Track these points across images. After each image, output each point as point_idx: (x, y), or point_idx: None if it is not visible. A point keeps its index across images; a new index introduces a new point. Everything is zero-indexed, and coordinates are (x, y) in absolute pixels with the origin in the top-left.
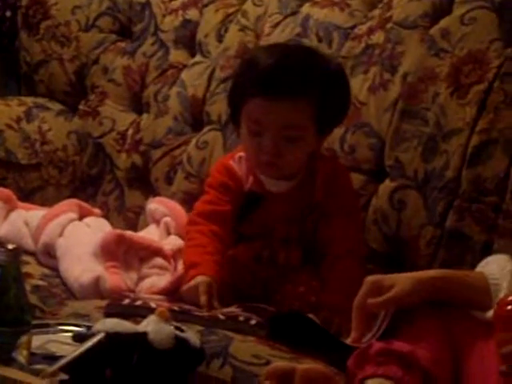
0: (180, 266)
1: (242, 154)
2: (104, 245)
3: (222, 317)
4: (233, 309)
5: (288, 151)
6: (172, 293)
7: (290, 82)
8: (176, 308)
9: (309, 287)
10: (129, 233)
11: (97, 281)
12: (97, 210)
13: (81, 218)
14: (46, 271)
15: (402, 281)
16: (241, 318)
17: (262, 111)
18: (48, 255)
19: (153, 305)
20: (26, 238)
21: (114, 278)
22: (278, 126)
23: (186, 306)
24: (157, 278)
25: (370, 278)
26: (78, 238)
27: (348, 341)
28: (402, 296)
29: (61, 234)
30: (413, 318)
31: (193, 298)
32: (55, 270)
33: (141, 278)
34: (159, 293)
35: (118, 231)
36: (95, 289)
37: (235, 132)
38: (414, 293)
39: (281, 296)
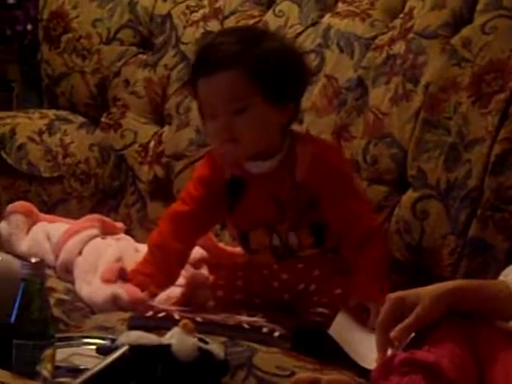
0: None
1: None
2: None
3: (246, 326)
4: (256, 319)
5: (240, 123)
6: (187, 303)
7: (219, 56)
8: (199, 319)
9: (330, 282)
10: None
11: (113, 299)
12: (120, 225)
13: (103, 233)
14: (70, 286)
15: (423, 297)
16: (264, 330)
17: (204, 91)
18: (67, 272)
19: (176, 316)
20: (48, 253)
21: (131, 290)
22: (221, 101)
23: (210, 316)
24: (173, 289)
25: (393, 296)
26: (94, 261)
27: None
28: (423, 317)
29: (80, 253)
30: (436, 327)
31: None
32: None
33: None
34: (176, 304)
35: (118, 265)
36: (113, 306)
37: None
38: (436, 308)
39: (306, 302)
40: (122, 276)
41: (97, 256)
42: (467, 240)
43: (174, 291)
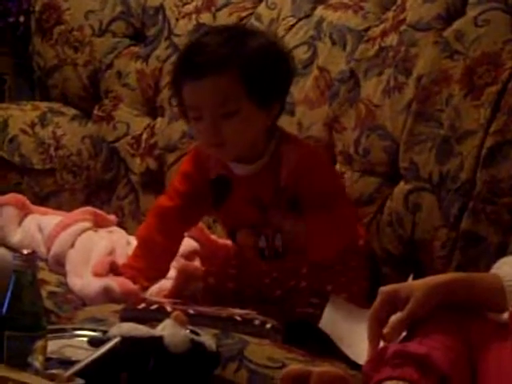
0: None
1: None
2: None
3: (238, 318)
4: (248, 311)
5: (227, 127)
6: (178, 295)
7: (206, 59)
8: (191, 311)
9: (320, 278)
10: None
11: (105, 291)
12: (112, 217)
13: (96, 226)
14: (61, 278)
15: (416, 291)
16: (256, 322)
17: (192, 94)
18: (59, 265)
19: (168, 308)
20: (40, 245)
21: (123, 282)
22: (210, 105)
23: (202, 309)
24: (165, 281)
25: (385, 289)
26: (86, 254)
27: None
28: (416, 311)
29: (72, 245)
30: (428, 319)
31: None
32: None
33: None
34: (167, 296)
35: (110, 259)
36: (105, 298)
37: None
38: (429, 302)
39: (298, 297)
40: (113, 270)
41: (89, 249)
42: (459, 233)
43: (166, 284)
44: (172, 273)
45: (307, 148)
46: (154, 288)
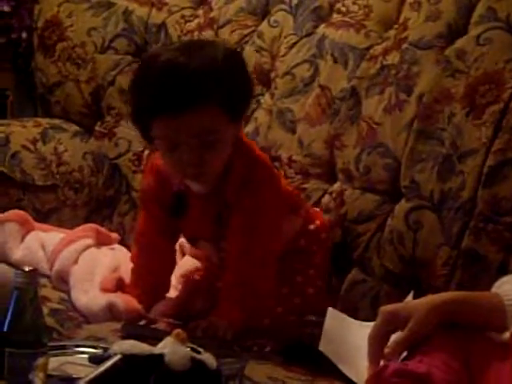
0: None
1: None
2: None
3: (236, 348)
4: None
5: (210, 156)
6: (176, 316)
7: (185, 94)
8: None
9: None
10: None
11: (109, 308)
12: (114, 235)
13: (98, 243)
14: (64, 295)
15: (416, 310)
16: (255, 348)
17: (168, 129)
18: (62, 281)
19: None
20: (42, 262)
21: (128, 300)
22: (191, 137)
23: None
24: (167, 301)
25: (385, 309)
26: (90, 269)
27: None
28: (417, 331)
29: (75, 262)
30: (429, 338)
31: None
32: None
33: None
34: (172, 314)
35: (117, 275)
36: (109, 315)
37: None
38: (430, 321)
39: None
40: (120, 286)
41: (93, 265)
42: (460, 251)
43: (168, 303)
44: (173, 293)
45: (254, 160)
46: (158, 307)
